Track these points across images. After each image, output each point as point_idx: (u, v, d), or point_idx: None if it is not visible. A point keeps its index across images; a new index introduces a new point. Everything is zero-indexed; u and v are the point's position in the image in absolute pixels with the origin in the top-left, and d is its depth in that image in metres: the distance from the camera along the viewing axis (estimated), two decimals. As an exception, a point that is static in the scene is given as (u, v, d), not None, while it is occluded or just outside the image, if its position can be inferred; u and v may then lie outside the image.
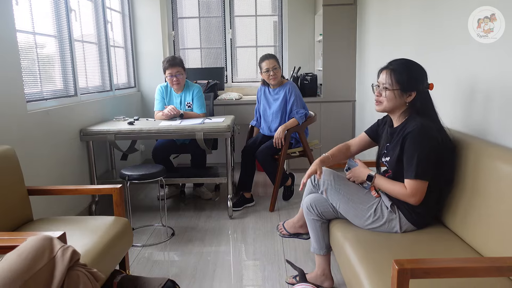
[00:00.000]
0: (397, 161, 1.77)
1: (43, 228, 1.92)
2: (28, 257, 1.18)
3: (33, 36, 2.61)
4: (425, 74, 1.78)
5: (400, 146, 1.74)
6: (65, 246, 1.27)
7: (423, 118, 1.73)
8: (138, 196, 3.78)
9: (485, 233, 1.52)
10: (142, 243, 2.75)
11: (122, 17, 4.22)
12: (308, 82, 4.24)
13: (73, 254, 1.27)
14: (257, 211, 3.28)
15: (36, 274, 1.16)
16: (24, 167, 2.07)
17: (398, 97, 1.76)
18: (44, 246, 1.23)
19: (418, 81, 1.76)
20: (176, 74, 3.31)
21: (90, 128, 3.07)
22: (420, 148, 1.67)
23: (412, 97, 1.76)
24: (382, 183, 1.80)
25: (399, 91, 1.76)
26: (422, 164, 1.66)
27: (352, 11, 4.02)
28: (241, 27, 4.83)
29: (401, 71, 1.75)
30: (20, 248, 1.21)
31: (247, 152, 3.39)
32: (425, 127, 1.68)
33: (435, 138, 1.69)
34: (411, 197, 1.70)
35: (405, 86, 1.75)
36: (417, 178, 1.67)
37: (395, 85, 1.76)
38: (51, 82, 2.85)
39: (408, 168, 1.70)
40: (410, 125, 1.72)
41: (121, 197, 2.10)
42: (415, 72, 1.77)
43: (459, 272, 1.17)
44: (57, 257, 1.23)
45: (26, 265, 1.16)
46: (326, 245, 2.01)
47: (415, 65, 1.79)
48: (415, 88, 1.75)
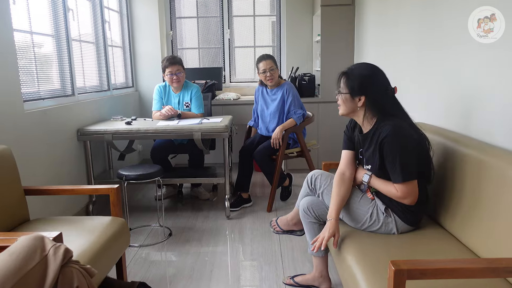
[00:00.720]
0: (379, 168, 1.76)
1: (39, 228, 1.91)
2: (20, 257, 1.17)
3: (30, 36, 2.60)
4: (379, 78, 1.77)
5: (379, 153, 1.72)
6: (57, 245, 1.27)
7: (391, 119, 1.72)
8: (136, 196, 3.77)
9: (482, 234, 1.53)
10: (139, 243, 2.74)
11: (120, 17, 4.21)
12: (306, 83, 4.24)
13: (66, 253, 1.27)
14: (254, 212, 3.28)
15: (28, 273, 1.16)
16: (20, 167, 2.06)
17: (349, 101, 1.78)
18: (36, 245, 1.23)
19: (367, 86, 1.74)
20: (176, 72, 3.31)
21: (88, 128, 3.06)
22: (400, 150, 1.66)
23: (362, 101, 1.75)
24: (377, 184, 1.80)
25: (349, 95, 1.77)
26: (406, 166, 1.66)
27: (350, 11, 4.03)
28: (239, 27, 4.83)
29: (352, 76, 1.77)
30: (11, 248, 1.21)
31: (245, 152, 3.38)
32: (398, 128, 1.68)
33: (411, 135, 1.70)
34: (404, 199, 1.71)
35: (354, 91, 1.76)
36: (405, 180, 1.67)
37: (345, 90, 1.78)
38: (48, 82, 2.84)
39: (393, 173, 1.69)
40: (382, 130, 1.70)
41: (118, 197, 2.09)
42: (365, 77, 1.76)
43: (455, 273, 1.17)
44: (49, 255, 1.23)
45: (18, 265, 1.15)
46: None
47: (368, 70, 1.78)
48: (364, 93, 1.74)
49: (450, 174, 1.79)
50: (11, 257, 1.16)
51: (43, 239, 1.27)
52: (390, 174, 1.72)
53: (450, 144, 1.84)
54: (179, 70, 3.33)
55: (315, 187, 2.01)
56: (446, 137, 1.92)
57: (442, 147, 1.89)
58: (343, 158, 1.95)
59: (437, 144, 1.94)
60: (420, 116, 2.49)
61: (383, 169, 1.74)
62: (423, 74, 2.47)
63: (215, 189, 3.88)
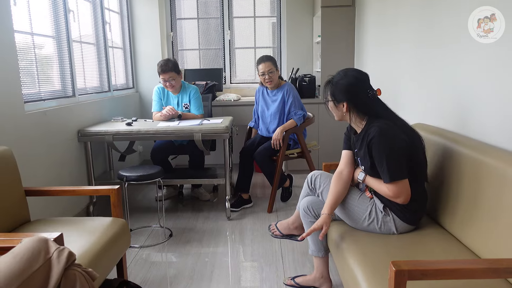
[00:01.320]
0: (371, 169, 1.78)
1: (40, 229, 1.91)
2: (24, 259, 1.17)
3: (31, 37, 2.61)
4: (358, 84, 1.80)
5: (369, 155, 1.76)
6: (61, 248, 1.27)
7: (379, 120, 1.75)
8: (136, 197, 3.77)
9: (483, 234, 1.53)
10: (140, 244, 2.74)
11: (121, 18, 4.21)
12: (307, 84, 4.24)
13: (69, 256, 1.27)
14: (255, 212, 3.28)
15: (32, 275, 1.16)
16: (21, 168, 2.07)
17: (335, 108, 1.86)
18: (40, 248, 1.23)
19: (347, 92, 1.79)
20: (168, 79, 3.29)
21: (88, 129, 3.07)
22: (387, 150, 1.68)
23: (345, 107, 1.81)
24: (371, 182, 1.82)
25: (332, 103, 1.86)
26: (393, 165, 1.68)
27: (350, 12, 4.03)
28: (240, 28, 4.83)
29: (333, 84, 1.84)
30: (15, 250, 1.21)
31: (245, 153, 3.38)
32: (384, 129, 1.70)
33: (398, 136, 1.71)
34: (396, 199, 1.72)
35: (336, 98, 1.83)
36: (393, 180, 1.69)
37: (330, 97, 1.87)
38: (49, 83, 2.85)
39: (381, 173, 1.72)
40: (370, 131, 1.74)
41: (119, 198, 2.09)
42: (344, 84, 1.80)
43: (456, 274, 1.17)
44: (53, 258, 1.23)
45: (22, 267, 1.15)
46: (324, 247, 2.01)
47: (347, 77, 1.81)
48: (345, 98, 1.80)
49: (448, 173, 1.79)
50: (15, 259, 1.17)
51: (47, 241, 1.28)
52: (380, 174, 1.74)
53: (449, 144, 1.84)
54: (172, 77, 3.28)
55: (315, 186, 2.02)
56: (446, 137, 1.92)
57: (442, 147, 1.89)
58: (342, 157, 1.99)
59: (437, 144, 1.94)
60: (419, 116, 2.49)
61: (374, 169, 1.77)
62: (423, 74, 2.47)
63: (215, 190, 3.88)
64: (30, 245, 1.23)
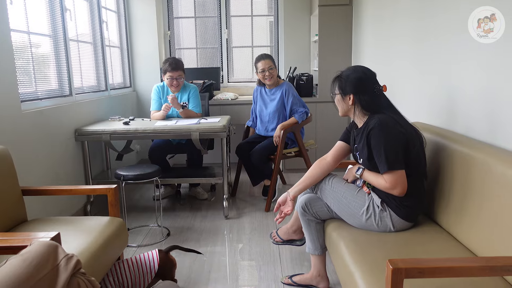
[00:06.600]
0: (368, 160, 1.81)
1: (37, 228, 1.91)
2: (33, 263, 1.16)
3: (27, 36, 2.60)
4: (366, 79, 1.86)
5: (367, 146, 1.79)
6: (69, 255, 1.26)
7: (381, 114, 1.79)
8: (134, 196, 3.77)
9: (479, 232, 1.53)
10: (137, 243, 2.74)
11: (118, 17, 4.20)
12: (304, 82, 4.24)
13: (77, 264, 1.26)
14: (252, 212, 3.28)
15: (39, 281, 1.15)
16: (18, 167, 2.06)
17: (341, 101, 1.91)
18: (49, 253, 1.22)
19: (355, 85, 1.85)
20: (177, 77, 3.33)
21: (85, 128, 3.06)
22: (384, 140, 1.72)
23: (351, 100, 1.86)
24: (368, 177, 1.84)
25: (340, 96, 1.91)
26: (391, 154, 1.71)
27: (348, 11, 4.04)
28: (237, 27, 4.83)
29: (342, 78, 1.90)
30: (25, 254, 1.19)
31: (241, 149, 3.42)
32: (384, 121, 1.75)
33: (396, 128, 1.74)
34: (393, 189, 1.73)
35: (343, 90, 1.89)
36: (390, 169, 1.71)
37: (337, 91, 1.92)
38: (46, 82, 2.84)
39: (379, 163, 1.74)
40: (370, 123, 1.79)
41: (116, 197, 2.09)
42: (353, 78, 1.86)
43: (453, 272, 1.17)
44: (61, 265, 1.22)
45: (30, 272, 1.14)
46: (321, 245, 2.01)
47: (356, 72, 1.88)
48: (352, 91, 1.86)
49: (442, 171, 1.80)
50: (24, 263, 1.15)
51: (57, 248, 1.26)
52: (377, 165, 1.76)
53: (447, 143, 1.85)
54: (180, 76, 3.35)
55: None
56: (446, 137, 1.92)
57: (441, 146, 1.90)
58: (334, 147, 2.06)
59: (437, 144, 1.94)
60: (418, 115, 2.50)
61: (372, 161, 1.79)
62: (421, 73, 2.47)
63: (213, 189, 3.88)
64: (40, 249, 1.21)
